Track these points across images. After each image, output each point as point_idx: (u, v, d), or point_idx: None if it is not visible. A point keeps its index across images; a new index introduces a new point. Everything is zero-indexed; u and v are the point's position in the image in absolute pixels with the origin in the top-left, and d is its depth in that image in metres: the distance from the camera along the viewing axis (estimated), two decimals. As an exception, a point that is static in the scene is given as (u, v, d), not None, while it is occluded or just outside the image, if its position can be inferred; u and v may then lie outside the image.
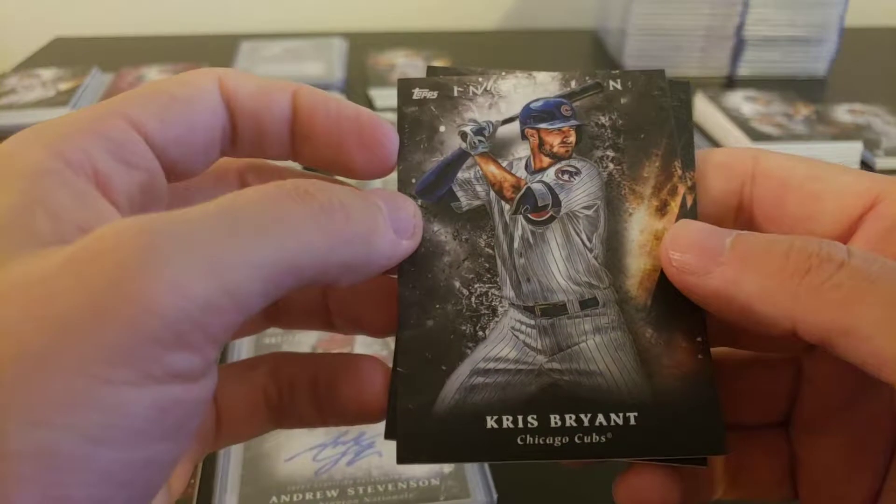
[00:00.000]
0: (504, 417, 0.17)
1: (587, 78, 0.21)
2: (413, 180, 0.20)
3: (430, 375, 0.18)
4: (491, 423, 0.17)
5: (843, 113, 0.74)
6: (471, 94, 0.21)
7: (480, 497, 0.32)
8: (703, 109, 0.74)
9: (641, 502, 0.18)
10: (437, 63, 0.84)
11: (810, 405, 0.20)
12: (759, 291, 0.16)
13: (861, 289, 0.15)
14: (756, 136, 0.65)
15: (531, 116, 0.21)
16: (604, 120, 0.20)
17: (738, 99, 0.73)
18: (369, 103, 0.76)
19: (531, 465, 0.36)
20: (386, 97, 0.77)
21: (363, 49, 0.89)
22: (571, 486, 0.35)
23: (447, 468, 0.33)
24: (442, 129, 0.20)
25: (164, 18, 1.03)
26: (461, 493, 0.32)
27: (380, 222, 0.17)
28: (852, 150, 0.64)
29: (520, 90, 0.21)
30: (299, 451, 0.34)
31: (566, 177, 0.20)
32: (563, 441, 0.17)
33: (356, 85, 0.80)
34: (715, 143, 0.69)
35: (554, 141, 0.20)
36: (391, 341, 0.19)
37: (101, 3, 1.03)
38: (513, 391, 0.18)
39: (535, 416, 0.17)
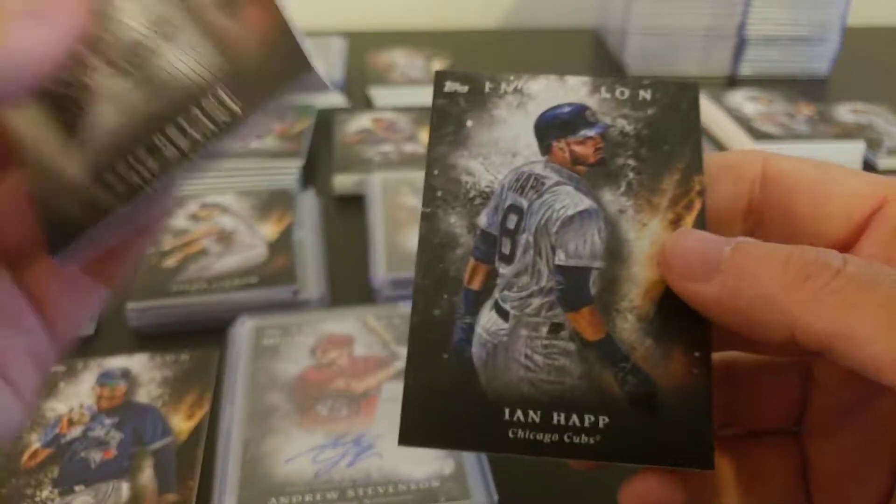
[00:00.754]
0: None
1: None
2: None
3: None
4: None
5: (845, 112, 0.74)
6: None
7: (480, 499, 0.32)
8: (705, 109, 0.73)
9: None
10: (437, 63, 0.84)
11: (821, 409, 0.21)
12: (758, 298, 0.16)
13: (858, 294, 0.15)
14: (758, 135, 0.65)
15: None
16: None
17: (739, 98, 0.73)
18: (368, 102, 0.76)
19: (532, 466, 0.36)
20: (385, 96, 0.76)
21: (362, 48, 0.89)
22: (571, 489, 0.35)
23: (447, 469, 0.33)
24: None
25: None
26: (461, 495, 0.32)
27: None
28: (854, 150, 0.64)
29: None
30: (299, 452, 0.34)
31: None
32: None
33: (356, 84, 0.79)
34: (717, 143, 0.68)
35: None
36: (391, 344, 0.19)
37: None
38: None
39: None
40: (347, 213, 0.58)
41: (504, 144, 0.20)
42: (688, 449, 0.17)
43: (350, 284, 0.48)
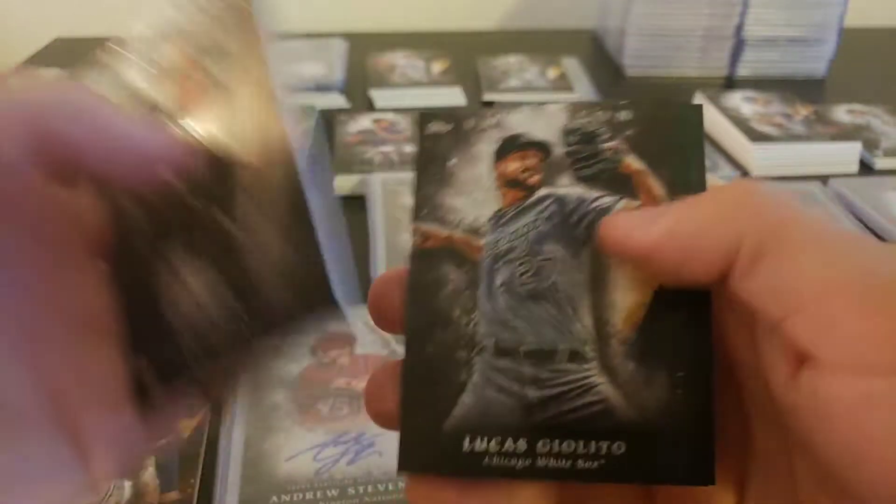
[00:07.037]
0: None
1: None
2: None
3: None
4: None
5: (842, 113, 0.74)
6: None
7: (480, 496, 0.32)
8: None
9: None
10: (437, 64, 0.85)
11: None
12: (700, 224, 0.17)
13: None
14: (755, 136, 0.65)
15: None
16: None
17: (737, 99, 0.74)
18: (370, 103, 0.77)
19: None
20: (386, 97, 0.77)
21: (363, 50, 0.89)
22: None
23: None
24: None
25: (164, 19, 1.03)
26: (461, 493, 0.33)
27: None
28: (851, 151, 0.65)
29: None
30: (300, 450, 0.35)
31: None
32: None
33: (356, 86, 0.80)
34: (715, 144, 0.69)
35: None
36: (392, 343, 0.19)
37: (101, 4, 1.03)
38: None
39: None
40: (348, 212, 0.58)
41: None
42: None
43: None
